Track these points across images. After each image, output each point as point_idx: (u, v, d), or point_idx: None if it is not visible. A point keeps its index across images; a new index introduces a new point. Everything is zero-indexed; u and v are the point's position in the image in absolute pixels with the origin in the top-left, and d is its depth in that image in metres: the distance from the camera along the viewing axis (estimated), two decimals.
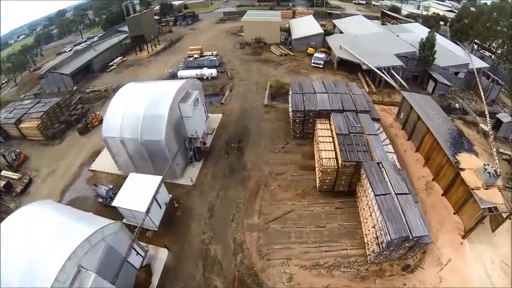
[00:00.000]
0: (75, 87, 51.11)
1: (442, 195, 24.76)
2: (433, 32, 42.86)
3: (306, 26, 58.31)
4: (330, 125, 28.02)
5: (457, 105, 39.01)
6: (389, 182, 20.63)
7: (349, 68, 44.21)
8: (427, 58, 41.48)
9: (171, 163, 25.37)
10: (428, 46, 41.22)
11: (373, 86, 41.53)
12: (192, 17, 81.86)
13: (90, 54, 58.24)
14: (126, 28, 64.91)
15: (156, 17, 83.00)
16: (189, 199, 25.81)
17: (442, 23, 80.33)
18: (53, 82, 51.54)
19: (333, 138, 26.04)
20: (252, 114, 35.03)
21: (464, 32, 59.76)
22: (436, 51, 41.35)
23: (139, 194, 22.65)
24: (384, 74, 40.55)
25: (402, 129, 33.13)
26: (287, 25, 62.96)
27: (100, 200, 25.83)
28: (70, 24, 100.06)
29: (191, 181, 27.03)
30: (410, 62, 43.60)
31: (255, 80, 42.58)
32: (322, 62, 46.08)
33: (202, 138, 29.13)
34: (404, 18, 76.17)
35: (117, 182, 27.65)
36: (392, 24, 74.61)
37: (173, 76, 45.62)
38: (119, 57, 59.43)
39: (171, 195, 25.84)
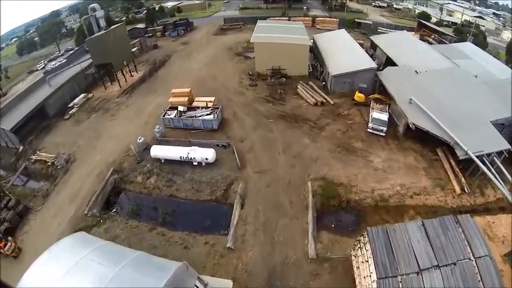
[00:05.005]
0: (21, 148, 31.81)
1: None
2: None
3: (344, 50, 36.95)
4: None
5: None
6: None
7: (421, 135, 24.48)
8: None
9: None
10: None
11: (463, 180, 21.93)
12: (185, 26, 59.11)
13: (44, 91, 37.18)
14: None
15: (140, 26, 60.52)
16: None
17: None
18: None
19: None
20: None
21: None
22: None
23: None
24: (485, 164, 21.05)
25: None
26: (311, 41, 41.65)
27: None
28: (44, 35, 76.67)
29: None
30: (505, 131, 24.55)
31: (283, 175, 22.11)
32: (385, 128, 25.88)
33: None
34: (451, 35, 54.14)
35: None
36: (433, 39, 53.50)
37: (145, 149, 25.42)
38: (82, 95, 38.26)
39: None
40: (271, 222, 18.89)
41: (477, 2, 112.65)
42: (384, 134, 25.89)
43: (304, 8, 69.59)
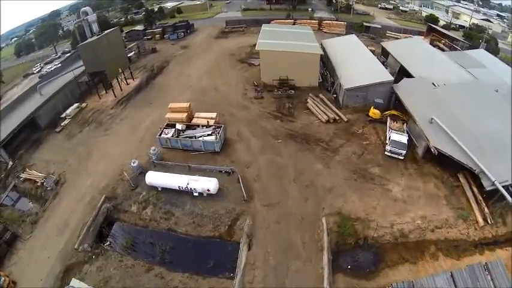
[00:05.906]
0: (10, 163, 29.58)
1: None
2: None
3: (356, 59, 34.31)
4: None
5: None
6: None
7: (441, 157, 22.16)
8: None
9: None
10: None
11: (486, 210, 19.73)
12: (185, 28, 56.23)
13: (35, 101, 34.76)
14: None
15: (139, 28, 57.64)
16: None
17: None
18: None
19: None
20: None
21: None
22: None
23: None
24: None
25: None
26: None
27: None
28: (41, 36, 73.84)
29: None
30: None
31: (295, 209, 19.69)
32: (404, 152, 23.46)
33: None
34: (462, 40, 51.52)
35: None
36: (443, 44, 50.84)
37: (141, 173, 23.03)
38: (75, 104, 35.71)
39: None
40: (283, 266, 16.64)
41: (480, 3, 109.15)
42: (402, 158, 23.61)
43: (309, 9, 66.61)
